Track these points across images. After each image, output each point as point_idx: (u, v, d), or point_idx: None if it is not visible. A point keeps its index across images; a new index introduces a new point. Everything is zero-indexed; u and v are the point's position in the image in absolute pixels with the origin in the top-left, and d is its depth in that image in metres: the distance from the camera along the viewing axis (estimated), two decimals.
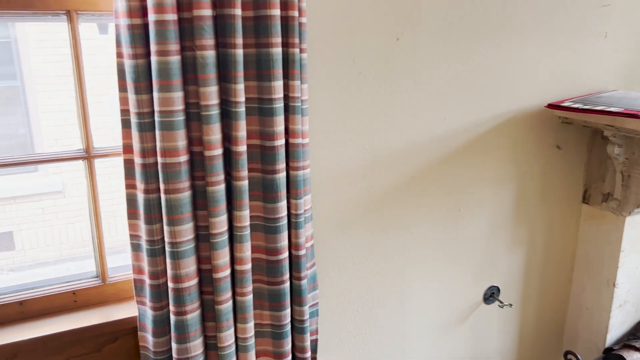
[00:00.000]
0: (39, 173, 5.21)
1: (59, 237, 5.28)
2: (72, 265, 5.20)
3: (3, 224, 5.11)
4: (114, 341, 1.29)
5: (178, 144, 1.07)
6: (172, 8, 1.01)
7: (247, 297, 1.21)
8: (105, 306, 1.31)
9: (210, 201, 1.12)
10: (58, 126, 5.04)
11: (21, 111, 5.11)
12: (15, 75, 5.03)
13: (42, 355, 1.22)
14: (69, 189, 5.22)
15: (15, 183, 5.02)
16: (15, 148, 5.16)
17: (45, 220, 5.20)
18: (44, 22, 1.17)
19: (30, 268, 5.10)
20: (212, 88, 1.07)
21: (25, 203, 5.10)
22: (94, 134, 1.24)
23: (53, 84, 5.03)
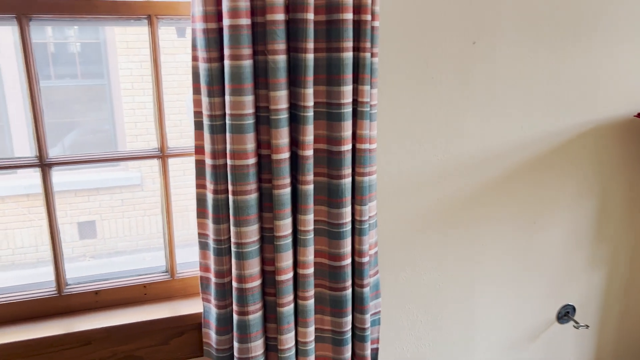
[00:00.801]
0: (120, 167, 5.52)
1: (136, 228, 5.57)
2: (147, 255, 5.47)
3: (88, 214, 5.45)
4: (180, 335, 1.33)
5: (247, 147, 1.08)
6: (246, 13, 1.02)
7: (309, 301, 1.21)
8: (173, 301, 1.35)
9: (275, 204, 1.13)
10: (139, 123, 5.32)
11: (107, 108, 5.44)
12: (103, 74, 5.36)
13: (113, 344, 1.28)
14: (147, 183, 5.49)
15: (100, 176, 5.35)
16: (100, 142, 5.50)
17: (124, 211, 5.50)
18: (127, 26, 1.23)
19: (109, 256, 5.41)
20: (281, 92, 1.08)
21: (107, 195, 5.42)
22: (174, 133, 1.28)
23: (136, 83, 5.31)
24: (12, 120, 5.13)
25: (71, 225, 5.36)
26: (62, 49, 5.40)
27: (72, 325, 1.24)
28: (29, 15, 1.12)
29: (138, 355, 1.31)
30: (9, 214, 5.24)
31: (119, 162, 5.40)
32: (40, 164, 1.20)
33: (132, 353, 1.30)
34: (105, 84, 5.36)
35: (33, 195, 5.21)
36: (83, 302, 1.30)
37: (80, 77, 5.39)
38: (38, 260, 5.33)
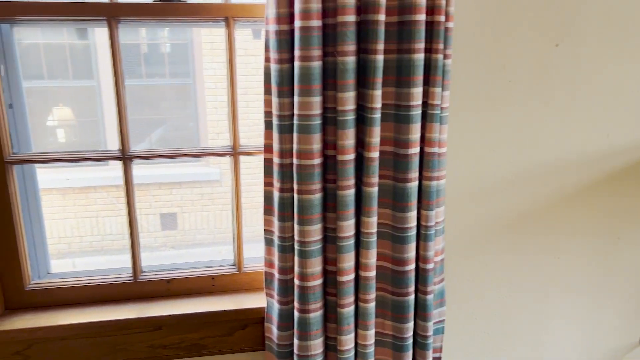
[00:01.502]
0: (202, 163, 5.77)
1: (213, 221, 5.80)
2: (223, 248, 5.68)
3: (170, 206, 5.75)
4: (243, 328, 1.37)
5: (313, 147, 1.09)
6: (317, 14, 1.04)
7: (370, 304, 1.20)
8: (239, 294, 1.39)
9: (339, 205, 1.13)
10: (221, 121, 5.54)
11: (191, 106, 5.71)
12: (189, 74, 5.63)
13: (182, 331, 1.34)
14: (225, 179, 5.70)
15: (182, 170, 5.62)
16: (184, 139, 5.78)
17: (203, 205, 5.75)
18: (205, 28, 1.28)
19: (187, 247, 5.68)
20: (349, 94, 1.08)
21: (188, 188, 5.69)
22: (254, 132, 1.32)
23: (219, 83, 5.53)
24: (106, 115, 5.52)
25: (154, 216, 5.68)
26: (153, 49, 5.73)
27: (145, 310, 1.31)
28: (117, 18, 1.20)
29: (204, 344, 1.37)
30: (100, 203, 5.64)
31: (201, 158, 5.66)
32: (122, 157, 1.28)
33: (199, 342, 1.36)
34: (191, 83, 5.63)
35: (121, 186, 5.57)
36: (156, 289, 1.37)
37: (169, 77, 5.70)
38: (124, 247, 5.69)
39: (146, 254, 1.55)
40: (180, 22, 1.24)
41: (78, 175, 5.48)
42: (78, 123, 5.75)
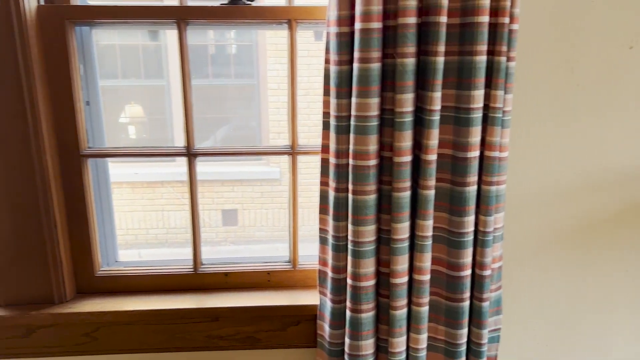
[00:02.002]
0: (262, 162, 5.89)
1: (272, 219, 5.91)
2: (280, 245, 5.78)
3: (231, 202, 5.91)
4: (296, 324, 1.40)
5: (369, 148, 1.10)
6: (377, 16, 1.04)
7: (423, 307, 1.19)
8: (293, 290, 1.42)
9: (394, 206, 1.13)
10: (282, 121, 5.63)
11: (254, 106, 5.85)
12: (253, 74, 5.77)
13: (237, 323, 1.38)
14: (284, 178, 5.79)
15: (244, 168, 5.77)
16: (246, 137, 5.93)
17: (262, 203, 5.87)
18: (269, 30, 1.32)
19: (247, 243, 5.82)
20: (408, 95, 1.07)
21: (249, 186, 5.83)
22: (314, 132, 1.35)
23: (282, 84, 5.62)
24: (174, 113, 5.75)
25: (216, 212, 5.86)
26: (220, 50, 5.91)
27: (203, 301, 1.37)
28: (186, 20, 1.25)
29: (258, 338, 1.40)
30: (166, 197, 5.88)
31: (262, 157, 5.78)
32: (187, 153, 1.34)
33: (253, 335, 1.40)
34: (255, 84, 5.76)
35: (186, 182, 5.79)
36: (214, 281, 1.42)
37: (234, 77, 5.86)
38: (186, 240, 5.90)
39: (207, 248, 1.60)
40: (246, 24, 1.28)
41: (146, 170, 5.74)
42: (148, 120, 6.03)
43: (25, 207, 1.27)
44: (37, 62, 1.21)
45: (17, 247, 1.29)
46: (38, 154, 1.24)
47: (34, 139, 1.23)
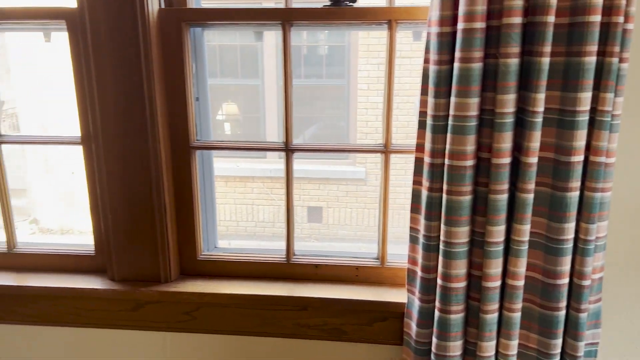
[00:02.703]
0: (348, 161, 5.95)
1: (356, 218, 5.95)
2: (362, 245, 5.81)
3: (317, 200, 6.03)
4: (383, 320, 1.42)
5: (466, 149, 1.10)
6: (481, 17, 1.04)
7: (515, 313, 1.17)
8: (381, 287, 1.44)
9: (490, 209, 1.11)
10: (370, 122, 5.66)
11: (343, 107, 5.92)
12: (344, 75, 5.84)
13: (325, 314, 1.43)
14: (370, 178, 5.81)
15: (330, 167, 5.85)
16: (334, 137, 6.01)
17: (347, 202, 5.93)
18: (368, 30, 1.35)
19: (330, 241, 5.91)
20: (510, 96, 1.06)
21: (334, 185, 5.91)
22: (401, 133, 1.37)
23: (372, 85, 5.64)
24: (268, 112, 5.96)
25: (302, 208, 6.00)
26: (312, 51, 6.04)
27: (294, 290, 1.43)
28: (290, 22, 1.31)
29: (344, 330, 1.44)
30: (255, 192, 6.12)
31: (348, 157, 5.84)
32: (286, 148, 1.41)
33: (340, 327, 1.44)
34: (345, 84, 5.83)
35: (275, 178, 5.98)
36: (304, 272, 1.48)
37: (325, 77, 5.97)
38: (273, 234, 6.10)
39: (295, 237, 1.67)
40: (346, 25, 1.32)
41: (239, 166, 6.00)
42: (242, 118, 6.30)
43: (139, 193, 1.39)
44: (157, 60, 1.32)
45: (131, 229, 1.42)
46: (154, 145, 1.35)
47: (151, 131, 1.34)
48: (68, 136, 1.45)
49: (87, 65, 1.32)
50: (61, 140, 1.47)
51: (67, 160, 6.19)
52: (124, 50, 1.30)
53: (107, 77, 1.32)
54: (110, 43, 1.29)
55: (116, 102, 1.33)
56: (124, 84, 1.32)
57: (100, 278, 1.48)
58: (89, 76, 1.33)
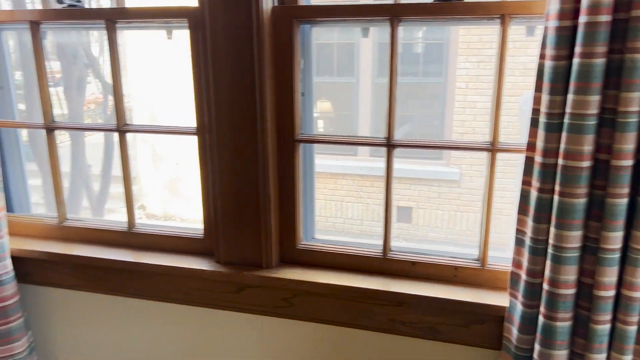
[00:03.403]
0: (442, 162, 5.82)
1: (447, 221, 5.81)
2: (453, 249, 5.66)
3: (406, 200, 5.96)
4: (481, 323, 1.38)
5: (583, 149, 1.04)
6: (607, 9, 0.98)
7: (631, 327, 1.09)
8: (479, 289, 1.41)
9: (607, 214, 1.05)
10: (466, 122, 5.49)
11: (439, 105, 5.80)
12: (441, 73, 5.72)
13: (421, 312, 1.42)
14: (465, 180, 5.64)
15: (422, 167, 5.76)
16: (427, 136, 5.91)
17: (439, 203, 5.81)
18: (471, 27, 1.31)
19: (420, 242, 5.82)
20: (635, 94, 0.99)
21: (426, 185, 5.81)
22: (501, 135, 1.33)
23: (470, 83, 5.47)
24: (361, 110, 5.98)
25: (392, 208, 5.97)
26: (408, 48, 5.97)
27: (389, 285, 1.43)
28: (399, 18, 1.32)
29: (439, 329, 1.42)
30: (345, 189, 6.17)
31: (442, 157, 5.71)
32: (387, 144, 1.42)
33: (434, 326, 1.42)
34: (442, 83, 5.71)
35: (365, 176, 5.99)
36: (400, 268, 1.48)
37: (421, 75, 5.88)
38: (361, 232, 6.13)
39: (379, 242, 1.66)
40: (455, 20, 1.30)
41: (329, 162, 6.09)
42: (335, 116, 6.38)
43: (247, 182, 1.47)
44: (268, 56, 1.39)
45: (237, 216, 1.50)
46: (262, 137, 1.42)
47: (260, 123, 1.41)
48: (185, 127, 1.56)
49: (205, 60, 1.41)
50: (178, 131, 1.59)
51: (172, 152, 6.62)
52: (239, 46, 1.37)
53: (223, 72, 1.40)
54: (227, 39, 1.37)
55: (230, 96, 1.41)
56: (238, 79, 1.39)
57: (207, 260, 1.58)
58: (206, 71, 1.42)
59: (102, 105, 5.38)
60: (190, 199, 6.65)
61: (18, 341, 1.62)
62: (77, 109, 4.21)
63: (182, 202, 6.65)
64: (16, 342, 1.62)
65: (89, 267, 1.66)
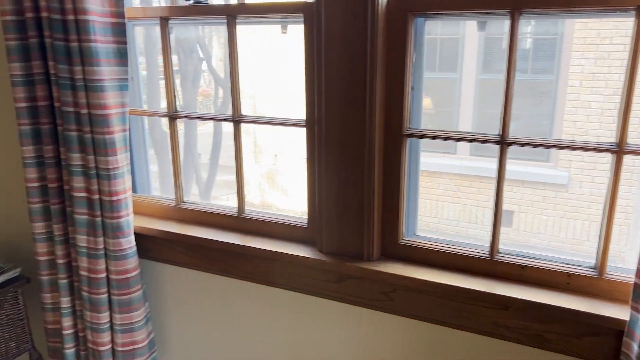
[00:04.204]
0: (549, 164, 5.49)
1: (552, 227, 5.48)
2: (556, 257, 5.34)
3: (508, 202, 5.69)
4: (594, 335, 1.30)
5: None
6: None
7: None
8: (595, 299, 1.32)
9: None
10: (579, 122, 5.13)
11: (548, 104, 5.46)
12: (552, 70, 5.38)
13: (527, 318, 1.36)
14: (573, 185, 5.28)
15: (527, 169, 5.47)
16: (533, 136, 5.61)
17: (543, 208, 5.49)
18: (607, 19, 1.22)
19: (519, 247, 5.54)
20: None
21: (530, 188, 5.51)
22: (610, 137, 1.23)
23: (585, 81, 5.10)
24: (463, 106, 5.80)
25: (491, 210, 5.73)
26: None
27: (495, 287, 1.39)
28: (521, 10, 1.26)
29: (547, 338, 1.35)
30: (442, 188, 6.03)
31: (550, 158, 5.39)
32: (501, 141, 1.37)
33: (542, 334, 1.36)
34: (553, 80, 5.37)
35: (464, 176, 5.81)
36: (508, 271, 1.42)
37: (530, 72, 5.58)
38: (456, 233, 5.96)
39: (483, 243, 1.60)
40: (582, 12, 1.22)
41: (426, 160, 5.97)
42: (435, 112, 6.24)
43: (352, 173, 1.49)
44: (381, 50, 1.39)
45: (341, 207, 1.53)
46: (370, 130, 1.43)
47: (369, 118, 1.42)
48: (295, 119, 1.61)
49: (319, 54, 1.45)
50: (288, 123, 1.64)
51: (272, 144, 6.85)
52: (352, 40, 1.39)
53: (335, 65, 1.43)
54: (341, 33, 1.40)
55: (340, 89, 1.44)
56: (349, 72, 1.41)
57: (310, 248, 1.63)
58: (318, 64, 1.46)
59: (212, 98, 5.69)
60: (287, 190, 6.85)
61: (137, 310, 1.78)
62: (191, 100, 4.50)
63: (279, 193, 6.87)
64: (135, 312, 1.77)
65: (200, 247, 1.78)
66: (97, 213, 1.67)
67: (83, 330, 1.84)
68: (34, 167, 1.74)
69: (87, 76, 1.54)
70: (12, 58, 1.62)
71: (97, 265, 1.71)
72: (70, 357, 1.86)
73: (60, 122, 1.65)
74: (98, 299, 1.74)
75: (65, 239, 1.77)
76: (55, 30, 1.53)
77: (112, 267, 1.71)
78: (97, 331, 1.77)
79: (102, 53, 1.55)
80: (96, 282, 1.72)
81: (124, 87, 1.63)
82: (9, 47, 1.62)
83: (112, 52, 1.58)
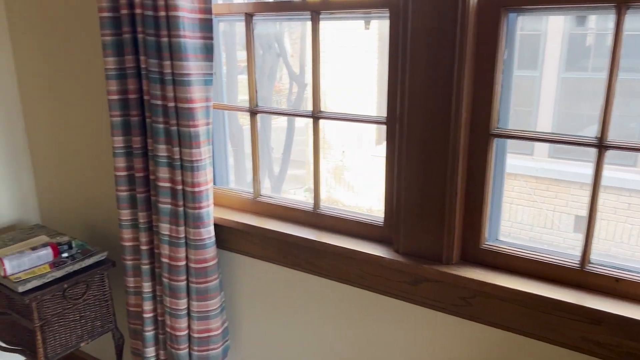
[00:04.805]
0: (636, 169, 5.13)
1: (636, 237, 5.13)
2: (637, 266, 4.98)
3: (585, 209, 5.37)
4: None
5: None
6: None
7: None
8: None
9: None
10: None
11: (636, 104, 5.09)
12: None
13: (622, 335, 1.27)
14: None
15: (611, 173, 5.13)
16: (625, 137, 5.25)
17: (627, 216, 5.14)
18: None
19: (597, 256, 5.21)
20: None
21: (614, 195, 5.17)
22: None
23: None
24: (542, 105, 5.53)
25: (569, 216, 5.43)
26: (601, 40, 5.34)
27: (585, 300, 1.30)
28: (628, 4, 1.17)
29: None
30: (516, 191, 5.78)
31: (636, 164, 5.02)
32: (599, 144, 1.28)
33: (638, 352, 1.26)
34: None
35: (541, 179, 5.54)
36: (601, 284, 1.33)
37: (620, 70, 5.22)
38: (530, 238, 5.69)
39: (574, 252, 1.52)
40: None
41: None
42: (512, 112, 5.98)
43: (434, 174, 1.44)
44: (470, 47, 1.34)
45: (420, 207, 1.49)
46: (455, 129, 1.38)
47: (454, 116, 1.37)
48: (375, 116, 1.59)
49: (403, 49, 1.42)
50: (368, 120, 1.62)
51: (339, 140, 6.85)
52: (440, 36, 1.34)
53: (420, 61, 1.39)
54: (428, 29, 1.36)
55: (425, 86, 1.40)
56: (435, 69, 1.37)
57: (385, 248, 1.60)
58: (403, 60, 1.42)
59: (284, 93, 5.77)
60: (353, 187, 6.82)
61: (213, 299, 1.82)
62: (267, 95, 4.57)
63: (345, 189, 6.87)
64: (212, 300, 1.82)
65: (276, 241, 1.80)
66: (180, 203, 1.72)
67: (162, 315, 1.91)
68: (123, 157, 1.82)
69: (175, 70, 1.59)
70: (107, 53, 1.71)
71: (178, 253, 1.77)
72: (149, 339, 1.95)
73: (148, 115, 1.72)
74: (177, 285, 1.80)
75: (149, 226, 1.85)
76: (147, 26, 1.59)
77: (191, 255, 1.76)
78: (175, 317, 1.83)
79: (190, 48, 1.59)
80: (176, 269, 1.78)
81: (209, 81, 1.67)
82: (104, 43, 1.71)
83: (199, 47, 1.63)
